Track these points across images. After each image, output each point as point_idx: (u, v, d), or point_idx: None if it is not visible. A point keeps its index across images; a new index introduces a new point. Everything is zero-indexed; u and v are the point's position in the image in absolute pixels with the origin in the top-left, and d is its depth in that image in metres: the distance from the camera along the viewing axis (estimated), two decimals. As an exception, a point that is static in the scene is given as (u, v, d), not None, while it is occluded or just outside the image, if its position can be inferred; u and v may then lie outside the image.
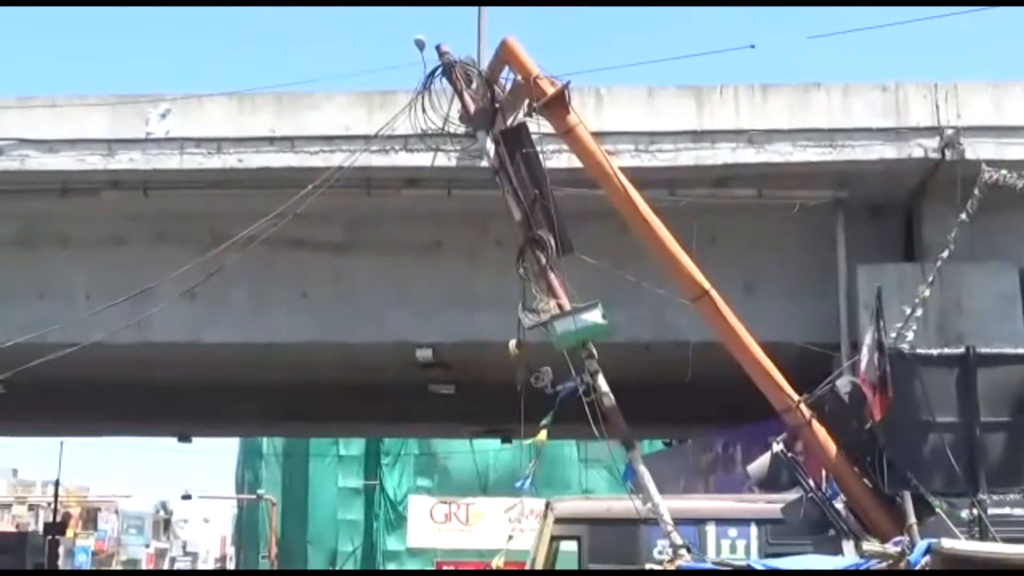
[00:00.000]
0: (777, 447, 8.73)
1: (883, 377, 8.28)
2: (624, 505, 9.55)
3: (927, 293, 13.02)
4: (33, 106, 15.45)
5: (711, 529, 12.58)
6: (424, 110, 9.92)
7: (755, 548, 12.47)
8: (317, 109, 15.12)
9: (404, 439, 39.21)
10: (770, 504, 10.59)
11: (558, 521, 12.68)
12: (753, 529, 12.70)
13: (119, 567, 69.90)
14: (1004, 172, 13.72)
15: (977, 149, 14.04)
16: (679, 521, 9.36)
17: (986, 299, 14.28)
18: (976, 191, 13.52)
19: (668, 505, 8.92)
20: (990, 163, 13.83)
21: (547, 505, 12.40)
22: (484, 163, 9.81)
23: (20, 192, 15.59)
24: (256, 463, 43.64)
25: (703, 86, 14.93)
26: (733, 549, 12.52)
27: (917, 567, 7.16)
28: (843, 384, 8.72)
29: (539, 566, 11.97)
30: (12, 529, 57.01)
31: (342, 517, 40.32)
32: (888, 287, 11.38)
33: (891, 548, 7.56)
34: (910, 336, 12.50)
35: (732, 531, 12.57)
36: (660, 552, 12.29)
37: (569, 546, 12.38)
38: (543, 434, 8.87)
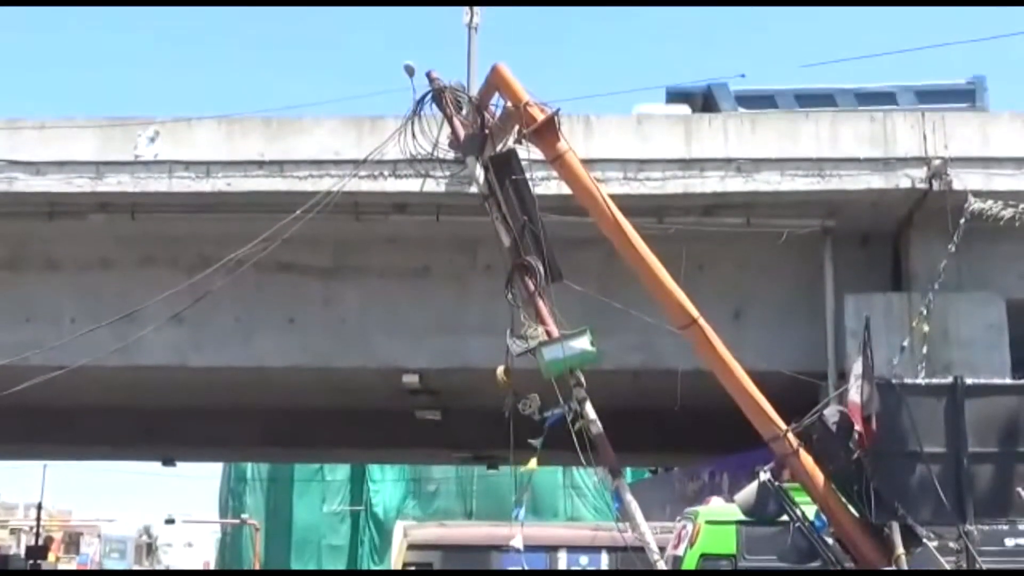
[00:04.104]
0: (764, 476, 8.72)
1: (874, 406, 8.30)
2: (476, 531, 9.63)
3: (926, 328, 13.06)
4: (21, 128, 15.41)
5: (563, 556, 12.68)
6: (414, 135, 9.94)
7: None
8: (306, 134, 15.11)
9: (391, 464, 39.06)
10: (621, 532, 10.74)
11: (411, 547, 12.75)
12: (604, 556, 12.83)
13: (101, 591, 69.29)
14: (991, 202, 13.78)
15: (964, 179, 14.09)
16: (533, 548, 9.39)
17: (973, 329, 14.30)
18: (963, 221, 13.59)
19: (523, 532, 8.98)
20: (977, 193, 13.90)
21: (402, 531, 12.46)
22: (473, 189, 9.82)
23: (7, 214, 15.53)
24: (240, 488, 43.40)
25: (692, 115, 14.96)
26: None
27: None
28: (831, 413, 8.72)
29: None
30: (-6, 552, 56.47)
31: (326, 542, 40.12)
32: (876, 316, 11.44)
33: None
34: (898, 365, 12.54)
35: (584, 558, 12.68)
36: None
37: None
38: (533, 462, 8.85)
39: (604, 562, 13.09)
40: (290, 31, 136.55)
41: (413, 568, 13.33)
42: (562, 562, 12.65)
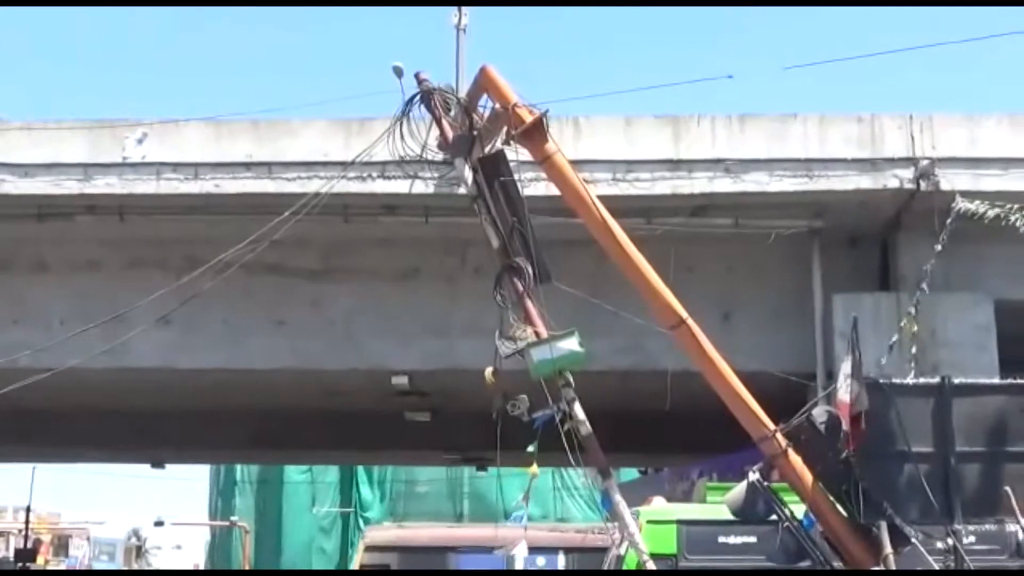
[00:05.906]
0: (753, 476, 8.73)
1: (862, 406, 8.32)
2: (433, 533, 9.66)
3: (914, 329, 13.09)
4: (9, 129, 15.37)
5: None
6: (402, 137, 9.93)
7: None
8: (295, 135, 15.09)
9: (381, 466, 39.04)
10: (578, 534, 10.83)
11: (368, 549, 12.79)
12: (561, 557, 12.90)
13: (91, 594, 69.10)
14: (978, 203, 13.83)
15: (952, 180, 14.14)
16: (490, 549, 9.44)
17: (961, 330, 14.34)
18: (949, 221, 13.64)
19: (477, 534, 9.02)
20: (965, 194, 13.94)
21: (361, 532, 12.58)
22: (462, 190, 9.82)
23: (-5, 216, 15.50)
24: (230, 490, 43.35)
25: (680, 116, 14.98)
26: None
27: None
28: (819, 413, 8.73)
29: None
30: (-18, 556, 56.29)
31: (316, 544, 40.07)
32: (864, 317, 11.44)
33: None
34: (886, 365, 12.58)
35: (540, 560, 12.74)
36: None
37: None
38: (534, 467, 8.86)
39: (561, 563, 13.16)
40: (279, 33, 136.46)
41: (372, 569, 13.39)
42: (519, 562, 12.68)
